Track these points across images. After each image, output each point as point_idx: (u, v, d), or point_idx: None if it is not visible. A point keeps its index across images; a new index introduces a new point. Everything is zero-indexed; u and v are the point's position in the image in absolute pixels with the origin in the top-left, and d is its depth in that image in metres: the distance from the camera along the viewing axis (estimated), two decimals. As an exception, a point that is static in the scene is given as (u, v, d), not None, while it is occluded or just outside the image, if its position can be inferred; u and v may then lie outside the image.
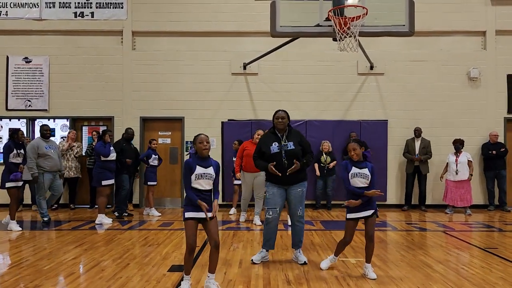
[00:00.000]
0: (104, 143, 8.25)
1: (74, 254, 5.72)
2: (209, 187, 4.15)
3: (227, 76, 10.54)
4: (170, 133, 10.72)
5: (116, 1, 10.52)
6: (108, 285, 4.42)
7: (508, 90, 10.46)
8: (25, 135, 7.90)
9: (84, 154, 10.14)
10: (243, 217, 8.44)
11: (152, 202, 9.30)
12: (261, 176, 7.72)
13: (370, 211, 4.67)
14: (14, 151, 7.46)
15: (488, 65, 10.45)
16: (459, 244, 6.50)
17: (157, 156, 9.34)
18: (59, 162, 8.38)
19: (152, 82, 10.52)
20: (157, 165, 9.34)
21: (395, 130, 10.34)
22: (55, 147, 8.41)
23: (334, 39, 6.90)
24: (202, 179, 4.09)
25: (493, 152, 9.87)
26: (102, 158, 8.18)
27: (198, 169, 4.09)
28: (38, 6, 10.50)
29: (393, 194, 10.42)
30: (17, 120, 10.63)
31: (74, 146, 9.97)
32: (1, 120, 10.63)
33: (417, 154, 9.86)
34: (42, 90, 10.53)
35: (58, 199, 9.02)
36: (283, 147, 5.16)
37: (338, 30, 6.62)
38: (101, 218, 8.13)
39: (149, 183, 9.25)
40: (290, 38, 8.01)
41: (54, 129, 10.41)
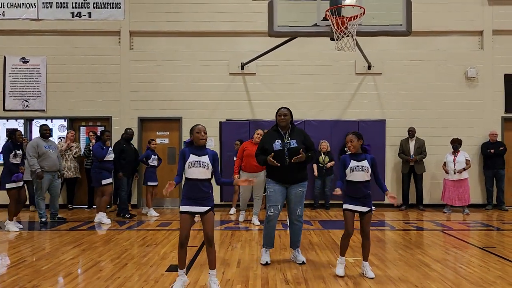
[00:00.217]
0: (103, 144, 8.25)
1: (72, 254, 5.71)
2: (204, 176, 4.10)
3: (225, 76, 10.54)
4: (168, 133, 10.71)
5: (113, 1, 10.51)
6: (106, 285, 4.41)
7: (505, 89, 10.49)
8: (23, 136, 7.87)
9: (81, 155, 10.12)
10: (242, 216, 8.47)
11: (150, 202, 9.29)
12: (260, 176, 7.72)
13: (366, 208, 4.69)
14: (13, 152, 7.45)
15: (485, 64, 10.48)
16: (457, 243, 6.52)
17: (156, 156, 9.32)
18: (59, 162, 8.39)
19: (149, 82, 10.51)
20: (156, 165, 9.32)
21: (393, 129, 10.36)
22: (54, 147, 8.41)
23: (332, 39, 6.92)
24: (195, 167, 4.07)
25: (491, 150, 9.90)
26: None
27: (192, 157, 4.09)
28: (35, 6, 10.49)
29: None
30: (14, 120, 10.60)
31: (72, 146, 9.96)
32: (-2, 120, 10.62)
33: (412, 155, 9.88)
34: (40, 91, 10.50)
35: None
36: (286, 145, 5.14)
37: (336, 29, 6.63)
38: (100, 217, 8.11)
39: (148, 184, 9.23)
40: (287, 38, 8.01)
41: (52, 129, 10.33)
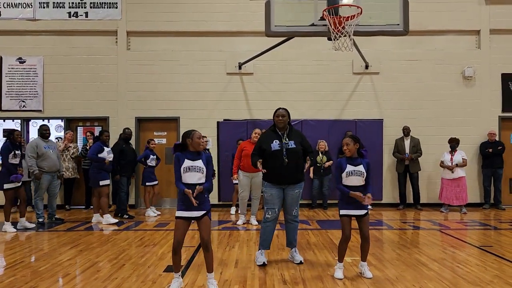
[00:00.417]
0: (103, 144, 8.23)
1: (70, 255, 5.70)
2: (200, 181, 4.12)
3: (223, 76, 10.53)
4: (166, 133, 10.70)
5: (110, 1, 10.48)
6: (103, 285, 4.40)
7: (502, 89, 10.52)
8: (21, 136, 7.85)
9: (79, 155, 10.09)
10: (242, 220, 8.07)
11: (148, 202, 9.29)
12: (259, 176, 7.63)
13: (362, 211, 4.64)
14: (12, 152, 7.42)
15: (482, 64, 10.50)
16: (455, 242, 6.53)
17: (155, 156, 9.30)
18: (58, 163, 8.38)
19: (147, 82, 10.49)
20: (154, 165, 9.31)
21: (390, 129, 10.36)
22: (54, 147, 8.41)
23: (329, 39, 6.93)
24: (190, 172, 4.09)
25: (489, 150, 9.92)
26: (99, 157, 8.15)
27: (186, 162, 4.11)
28: (31, 6, 10.44)
29: (388, 193, 10.44)
30: (11, 121, 10.56)
31: (70, 146, 9.93)
32: (-5, 121, 10.59)
33: (407, 153, 9.89)
34: (37, 91, 10.47)
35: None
36: (284, 145, 5.13)
37: (333, 29, 6.64)
38: (107, 218, 8.09)
39: (147, 184, 9.22)
40: (285, 38, 8.00)
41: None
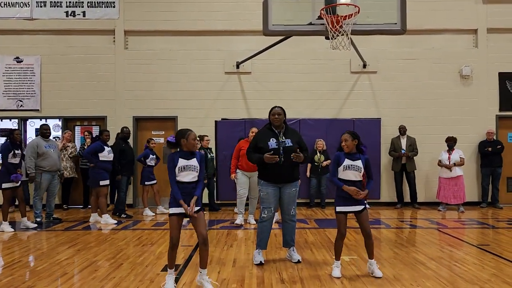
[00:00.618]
0: (103, 143, 8.22)
1: (67, 255, 5.69)
2: (195, 179, 4.20)
3: (220, 75, 10.52)
4: (164, 132, 10.68)
5: (108, 0, 10.46)
6: (101, 285, 4.40)
7: (499, 87, 10.54)
8: (21, 135, 7.84)
9: (77, 154, 10.06)
10: (240, 219, 7.87)
11: (146, 202, 9.28)
12: (257, 176, 7.61)
13: (360, 207, 4.59)
14: (12, 152, 7.41)
15: (479, 63, 10.52)
16: (452, 241, 6.54)
17: (154, 156, 9.30)
18: (59, 162, 8.39)
19: (145, 81, 10.47)
20: (154, 165, 9.31)
21: (388, 128, 10.37)
22: (55, 147, 8.44)
23: (327, 38, 6.91)
24: (185, 171, 4.15)
25: (489, 149, 9.94)
26: (101, 158, 8.11)
27: (181, 161, 4.16)
28: (29, 5, 10.41)
29: (386, 192, 10.45)
30: (8, 120, 10.54)
31: (68, 146, 9.91)
32: (-8, 120, 10.57)
33: (403, 149, 9.91)
34: (34, 90, 10.44)
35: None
36: (281, 144, 5.10)
37: (331, 28, 6.64)
38: (106, 218, 8.08)
39: (146, 183, 9.21)
40: (283, 37, 8.00)
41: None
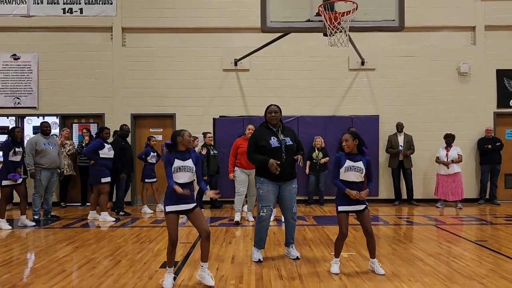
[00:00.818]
0: (103, 141, 8.20)
1: (65, 252, 5.68)
2: (189, 180, 4.27)
3: (219, 72, 10.50)
4: (162, 129, 10.66)
5: (105, -3, 10.44)
6: (99, 282, 4.39)
7: (497, 85, 10.55)
8: (21, 132, 7.81)
9: (75, 151, 10.02)
10: (238, 216, 7.79)
11: (146, 199, 9.28)
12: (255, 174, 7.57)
13: (361, 206, 4.59)
14: (12, 149, 7.39)
15: (477, 60, 10.52)
16: (450, 237, 6.56)
17: (155, 153, 9.29)
18: (58, 159, 8.39)
19: (142, 78, 10.44)
20: (155, 162, 9.31)
21: (386, 125, 10.38)
22: (55, 144, 8.44)
23: (325, 34, 6.91)
24: (180, 172, 4.22)
25: (488, 146, 9.95)
26: (101, 155, 8.09)
27: (177, 162, 4.23)
28: (25, 2, 10.35)
29: (384, 189, 10.46)
30: (5, 118, 10.50)
31: (66, 144, 9.88)
32: (-11, 118, 10.51)
33: (401, 145, 9.92)
34: (31, 88, 10.40)
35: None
36: (283, 142, 5.07)
37: (329, 25, 6.64)
38: (104, 216, 8.07)
39: (146, 181, 9.20)
40: (281, 34, 7.99)
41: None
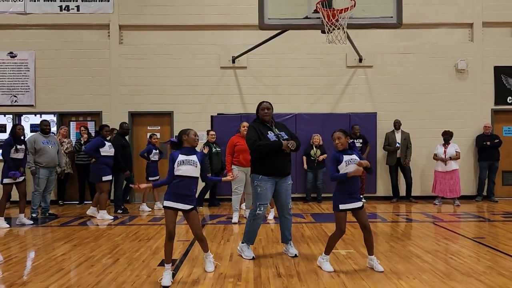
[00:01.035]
0: (103, 139, 8.18)
1: (63, 250, 5.67)
2: (193, 174, 4.33)
3: (216, 69, 10.48)
4: (159, 127, 10.65)
5: (102, -6, 10.39)
6: (98, 280, 4.39)
7: (495, 81, 10.57)
8: (23, 130, 7.77)
9: (73, 149, 10.00)
10: (236, 217, 7.64)
11: (146, 197, 9.31)
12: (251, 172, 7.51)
13: (359, 203, 4.60)
14: (14, 147, 7.37)
15: (475, 57, 10.53)
16: (448, 234, 6.57)
17: (157, 151, 9.28)
18: (57, 158, 8.41)
19: (140, 76, 10.41)
20: (157, 160, 9.31)
21: (384, 122, 10.38)
22: (54, 143, 8.43)
23: (323, 32, 6.91)
24: (184, 165, 4.28)
25: (487, 143, 9.96)
26: (102, 153, 8.07)
27: (181, 156, 4.33)
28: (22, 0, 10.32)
29: (382, 187, 10.48)
30: (3, 116, 10.46)
31: (64, 142, 9.86)
32: (-14, 116, 10.47)
33: (398, 142, 9.93)
34: (28, 85, 10.37)
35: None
36: (279, 136, 5.11)
37: (327, 22, 6.63)
38: (102, 214, 8.05)
39: (149, 179, 9.19)
40: (278, 31, 7.97)
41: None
